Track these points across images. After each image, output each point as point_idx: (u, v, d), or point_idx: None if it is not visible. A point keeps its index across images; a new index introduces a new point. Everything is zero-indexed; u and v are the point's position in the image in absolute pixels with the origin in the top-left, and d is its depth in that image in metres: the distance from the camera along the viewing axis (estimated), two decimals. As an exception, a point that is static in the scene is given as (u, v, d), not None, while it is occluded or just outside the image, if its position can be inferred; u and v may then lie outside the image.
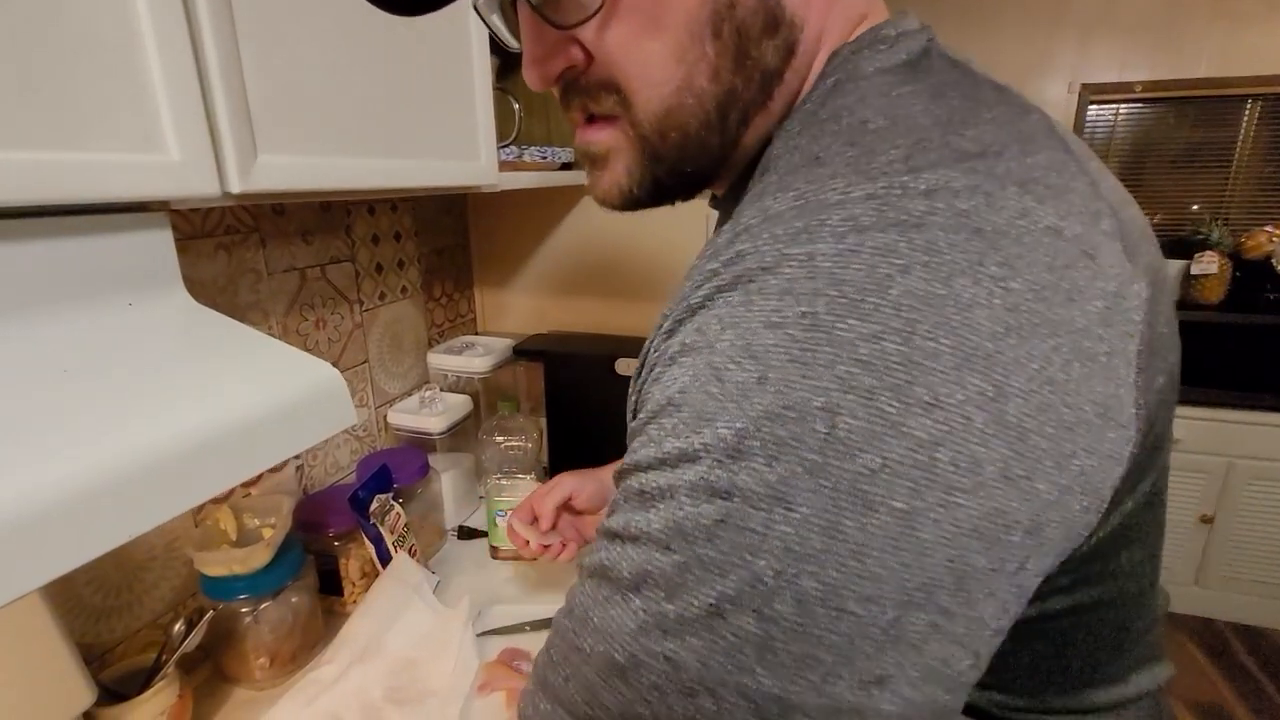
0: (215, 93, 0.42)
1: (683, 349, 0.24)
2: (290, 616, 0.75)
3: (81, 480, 0.27)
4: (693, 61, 0.30)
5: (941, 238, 0.21)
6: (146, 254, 0.40)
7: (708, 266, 0.25)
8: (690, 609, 0.21)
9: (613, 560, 0.24)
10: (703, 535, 0.21)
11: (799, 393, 0.20)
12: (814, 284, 0.21)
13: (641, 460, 0.25)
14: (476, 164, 0.77)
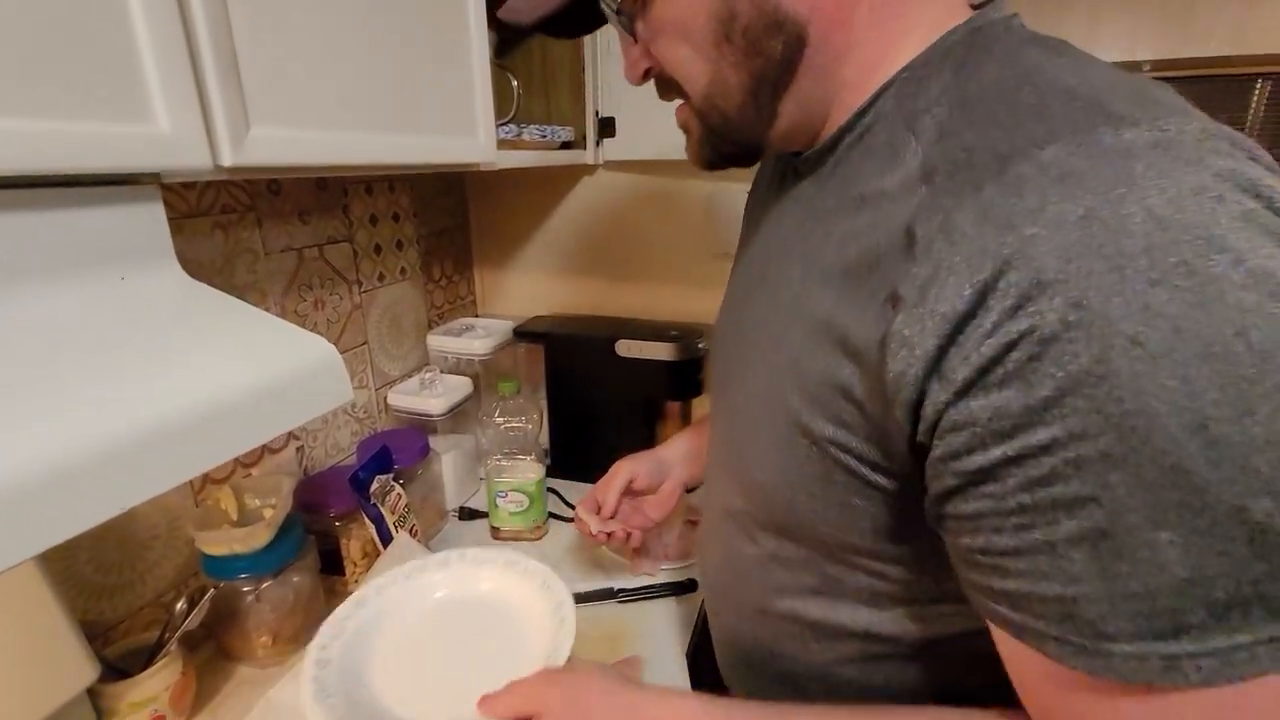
0: (205, 61, 0.41)
1: (1065, 329, 0.25)
2: (292, 595, 0.75)
3: (70, 452, 0.26)
4: (716, 59, 0.39)
5: (1196, 171, 0.25)
6: (138, 227, 0.40)
7: (996, 242, 0.26)
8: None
9: None
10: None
11: (1217, 332, 0.23)
12: (1153, 234, 0.24)
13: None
14: (474, 141, 0.75)
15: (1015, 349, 0.25)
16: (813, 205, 0.42)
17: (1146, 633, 0.25)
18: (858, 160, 0.38)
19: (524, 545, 0.99)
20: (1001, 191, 0.27)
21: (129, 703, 0.62)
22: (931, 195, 0.30)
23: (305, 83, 0.51)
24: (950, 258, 0.27)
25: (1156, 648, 0.25)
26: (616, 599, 0.85)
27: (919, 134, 0.33)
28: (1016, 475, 0.27)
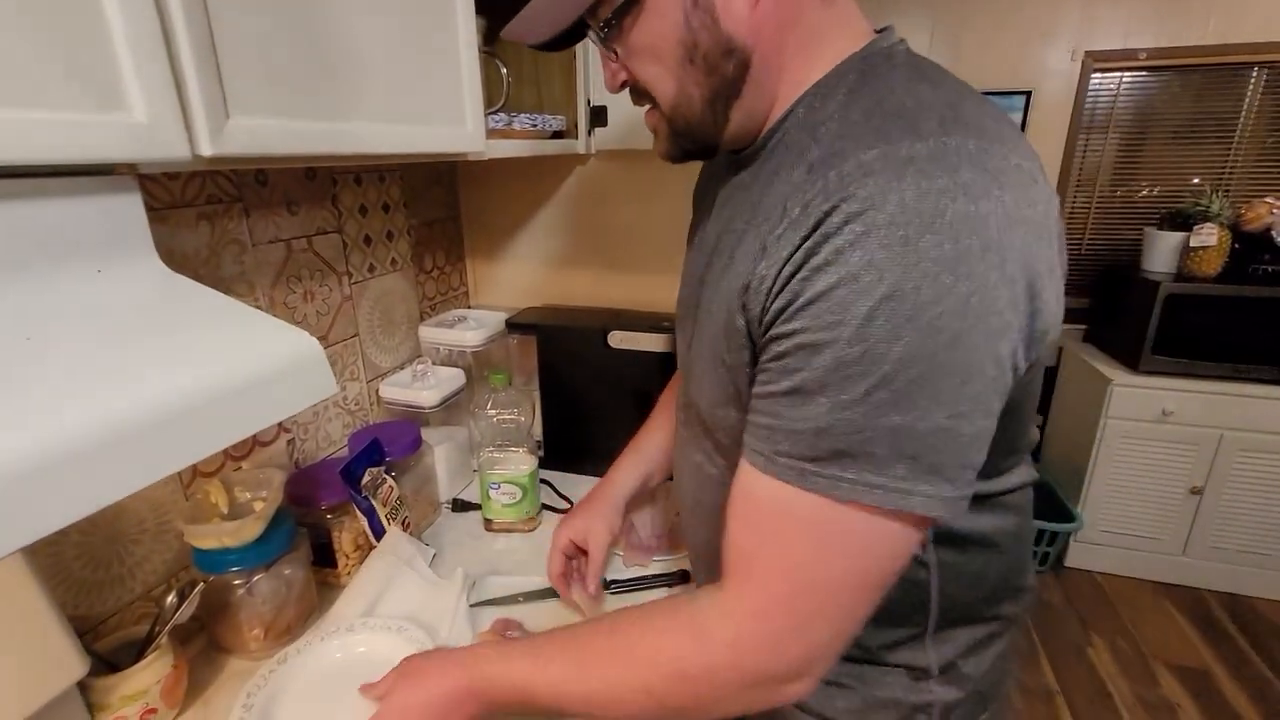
0: (181, 48, 0.40)
1: (827, 261, 0.37)
2: (284, 588, 0.75)
3: (46, 448, 0.26)
4: (681, 77, 0.48)
5: (952, 176, 0.36)
6: (115, 219, 0.39)
7: (825, 204, 0.38)
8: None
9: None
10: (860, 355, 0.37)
11: (900, 283, 0.35)
12: (904, 216, 0.35)
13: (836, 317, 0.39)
14: (463, 130, 0.74)
15: (800, 272, 0.39)
16: (749, 192, 0.51)
17: (799, 455, 0.40)
18: (780, 156, 0.48)
19: (517, 536, 0.99)
20: (837, 177, 0.39)
21: (120, 696, 0.62)
22: (804, 179, 0.42)
23: (286, 71, 0.50)
24: (798, 219, 0.40)
25: (801, 465, 0.40)
26: (609, 590, 0.85)
27: (818, 140, 0.44)
28: (771, 350, 0.42)
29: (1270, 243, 1.97)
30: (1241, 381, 1.97)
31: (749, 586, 0.44)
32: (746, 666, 0.44)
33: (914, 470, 0.38)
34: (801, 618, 0.43)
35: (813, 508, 0.40)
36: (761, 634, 0.44)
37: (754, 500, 0.44)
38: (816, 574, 0.42)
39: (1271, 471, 1.99)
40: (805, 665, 0.44)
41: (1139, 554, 2.19)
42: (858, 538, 0.41)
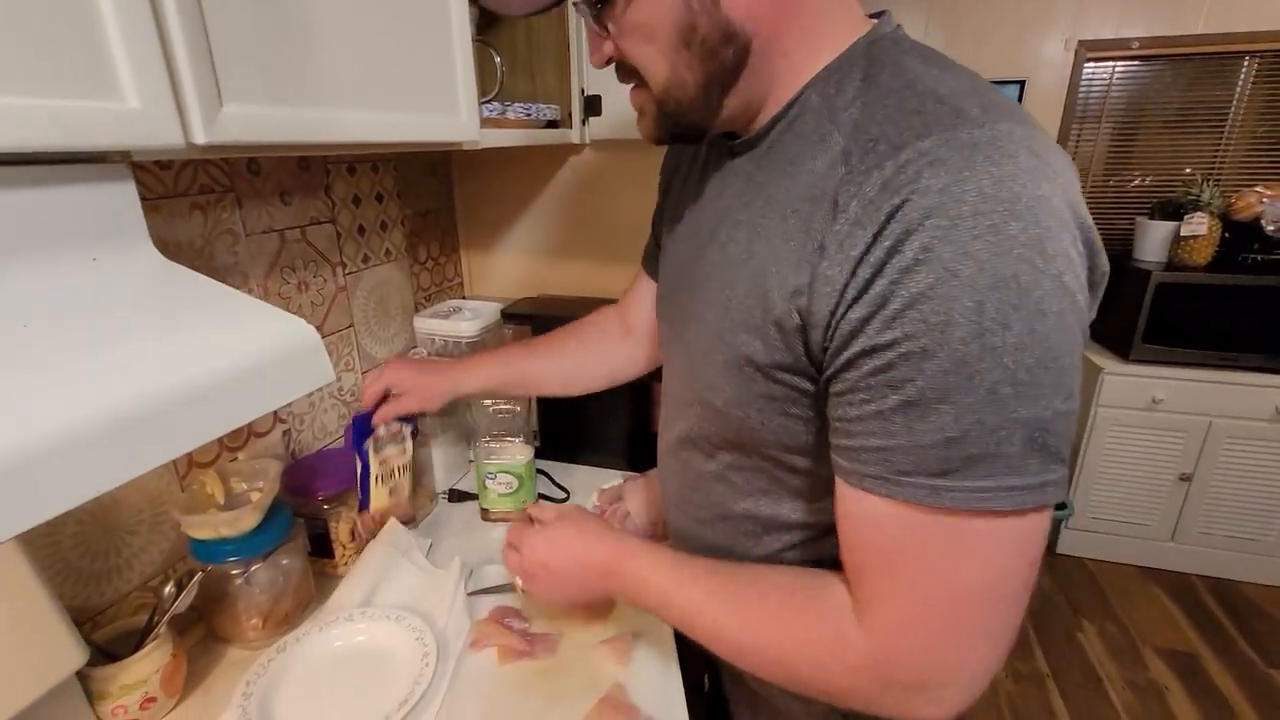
0: (174, 35, 0.39)
1: (918, 260, 0.36)
2: (281, 578, 0.76)
3: (40, 435, 0.26)
4: (675, 61, 0.46)
5: (1013, 161, 0.36)
6: (109, 207, 0.39)
7: (895, 198, 0.37)
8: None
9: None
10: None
11: (1000, 271, 0.35)
12: (987, 205, 0.35)
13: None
14: (456, 119, 0.74)
15: (883, 275, 0.37)
16: (752, 178, 0.50)
17: (929, 472, 0.38)
18: (789, 143, 0.47)
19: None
20: (895, 169, 0.37)
21: (120, 685, 0.62)
22: (849, 173, 0.40)
23: (281, 59, 0.50)
24: (861, 216, 0.38)
25: (933, 482, 0.38)
26: (606, 577, 0.86)
27: (840, 126, 0.43)
28: (867, 364, 0.39)
29: (1260, 232, 1.98)
30: (1230, 369, 1.99)
31: (887, 606, 0.42)
32: (885, 670, 0.43)
33: (1043, 461, 0.37)
34: (948, 629, 0.41)
35: (948, 524, 0.38)
36: (906, 647, 0.42)
37: (878, 524, 0.41)
38: (958, 585, 0.40)
39: (1258, 458, 2.01)
40: (951, 676, 0.42)
41: (1129, 540, 2.22)
42: (997, 542, 0.39)
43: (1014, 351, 0.35)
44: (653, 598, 0.56)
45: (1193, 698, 1.74)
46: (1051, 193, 0.36)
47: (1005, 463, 0.36)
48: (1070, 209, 0.37)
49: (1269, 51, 2.15)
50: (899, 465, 0.39)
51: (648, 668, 0.71)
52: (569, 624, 0.78)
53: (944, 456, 0.37)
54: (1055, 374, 0.36)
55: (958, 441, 0.36)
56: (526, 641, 0.74)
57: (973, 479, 0.37)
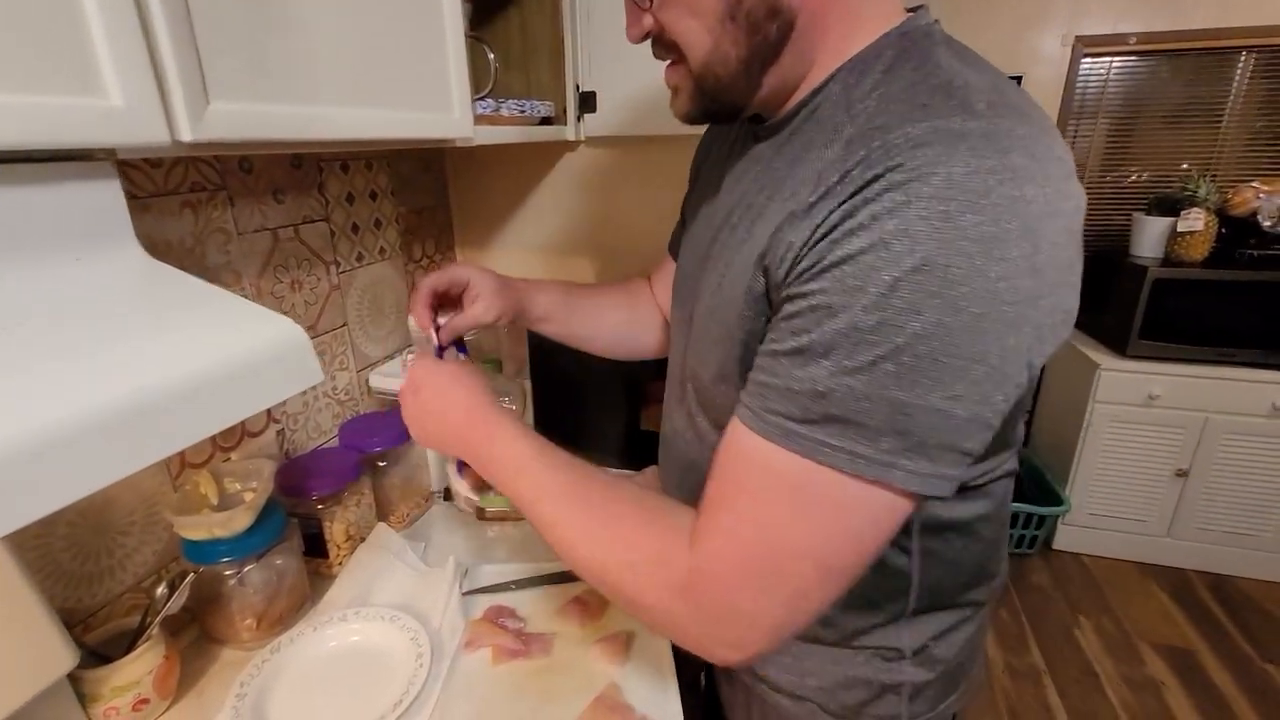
0: (158, 30, 0.39)
1: (861, 225, 0.36)
2: (275, 578, 0.75)
3: (25, 437, 0.25)
4: (719, 34, 0.45)
5: (1003, 157, 0.35)
6: (93, 206, 0.38)
7: (868, 173, 0.37)
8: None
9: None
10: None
11: (933, 257, 0.34)
12: (950, 191, 0.34)
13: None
14: (450, 116, 0.74)
15: (829, 236, 0.38)
16: (770, 165, 0.50)
17: (789, 415, 0.39)
18: (809, 131, 0.47)
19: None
20: (880, 148, 0.37)
21: (112, 687, 0.62)
22: (844, 155, 0.40)
23: (269, 55, 0.49)
24: (836, 188, 0.39)
25: (789, 424, 0.39)
26: (602, 576, 0.85)
27: (854, 117, 0.42)
28: (785, 309, 0.41)
29: (1256, 227, 1.98)
30: (1226, 365, 1.99)
31: (717, 530, 0.43)
32: (696, 603, 0.43)
33: (900, 445, 0.37)
34: (761, 575, 0.41)
35: (793, 468, 0.39)
36: (719, 576, 0.42)
37: (736, 454, 0.43)
38: (785, 535, 0.40)
39: (1255, 453, 2.02)
40: (747, 630, 0.43)
41: (1125, 536, 2.23)
42: (832, 506, 0.39)
43: (910, 336, 0.35)
44: (501, 472, 0.55)
45: (1189, 693, 1.74)
46: (1034, 198, 0.35)
47: (859, 431, 0.37)
48: (1055, 227, 0.36)
49: (1266, 46, 2.15)
50: (770, 403, 0.40)
51: (643, 667, 0.71)
52: (564, 623, 0.77)
53: (806, 406, 0.38)
54: (947, 372, 0.36)
55: (824, 396, 0.38)
56: (521, 641, 0.74)
57: (824, 434, 0.38)
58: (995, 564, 0.59)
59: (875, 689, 0.58)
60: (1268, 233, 1.97)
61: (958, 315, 0.35)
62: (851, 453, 0.37)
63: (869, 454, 0.37)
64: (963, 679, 0.61)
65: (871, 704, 0.58)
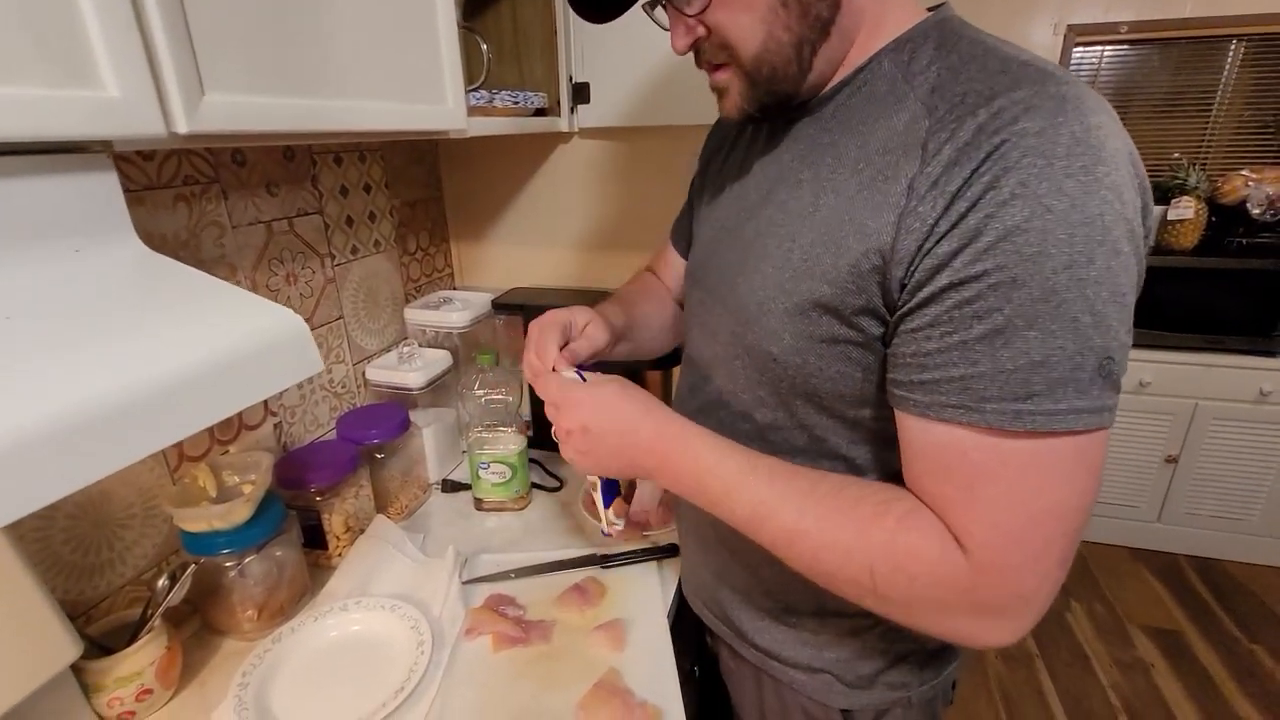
0: (153, 22, 0.39)
1: (1015, 194, 0.38)
2: (275, 569, 0.76)
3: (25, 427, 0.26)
4: (771, 23, 0.47)
5: (1097, 115, 0.39)
6: (90, 198, 0.38)
7: (990, 140, 0.39)
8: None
9: None
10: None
11: (1089, 210, 0.37)
12: (1079, 148, 0.37)
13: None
14: (443, 107, 0.74)
15: (977, 209, 0.39)
16: (815, 140, 0.52)
17: (1009, 396, 0.39)
18: (860, 105, 0.49)
19: (508, 515, 1.00)
20: (990, 115, 0.39)
21: (115, 678, 0.62)
22: (937, 124, 0.42)
23: (263, 47, 0.49)
24: (957, 157, 0.40)
25: (1013, 406, 0.39)
26: (600, 565, 0.86)
27: (915, 89, 0.45)
28: (952, 297, 0.40)
29: (1245, 215, 2.00)
30: (1215, 352, 2.02)
31: (981, 525, 0.42)
32: (979, 591, 0.43)
33: (1105, 386, 0.39)
34: (1037, 552, 0.41)
35: (1028, 445, 0.40)
36: (1002, 570, 0.42)
37: (951, 452, 0.42)
38: (1045, 505, 0.41)
39: (1243, 439, 2.04)
40: (1030, 607, 0.43)
41: (1117, 522, 2.25)
42: (1069, 463, 0.40)
43: (1094, 284, 0.37)
44: (711, 488, 0.51)
45: (1177, 673, 1.77)
46: (1125, 148, 0.39)
47: (1076, 387, 0.38)
48: (1134, 167, 0.40)
49: (1255, 35, 2.16)
50: (982, 392, 0.40)
51: (642, 653, 0.72)
52: (564, 611, 0.78)
53: (1026, 380, 0.39)
54: (1122, 308, 0.39)
55: (1041, 366, 0.38)
56: (521, 628, 0.74)
57: (1051, 402, 0.38)
58: None
59: (890, 658, 0.60)
60: (1257, 221, 1.99)
61: (1118, 257, 0.38)
62: (1075, 410, 0.39)
63: (1087, 405, 0.39)
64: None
65: (886, 672, 0.60)
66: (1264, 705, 1.66)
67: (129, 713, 0.64)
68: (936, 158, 0.41)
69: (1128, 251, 0.39)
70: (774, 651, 0.64)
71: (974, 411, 0.40)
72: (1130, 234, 0.39)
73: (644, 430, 0.54)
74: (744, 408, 0.58)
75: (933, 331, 0.42)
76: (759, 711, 0.69)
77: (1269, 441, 2.02)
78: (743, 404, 0.59)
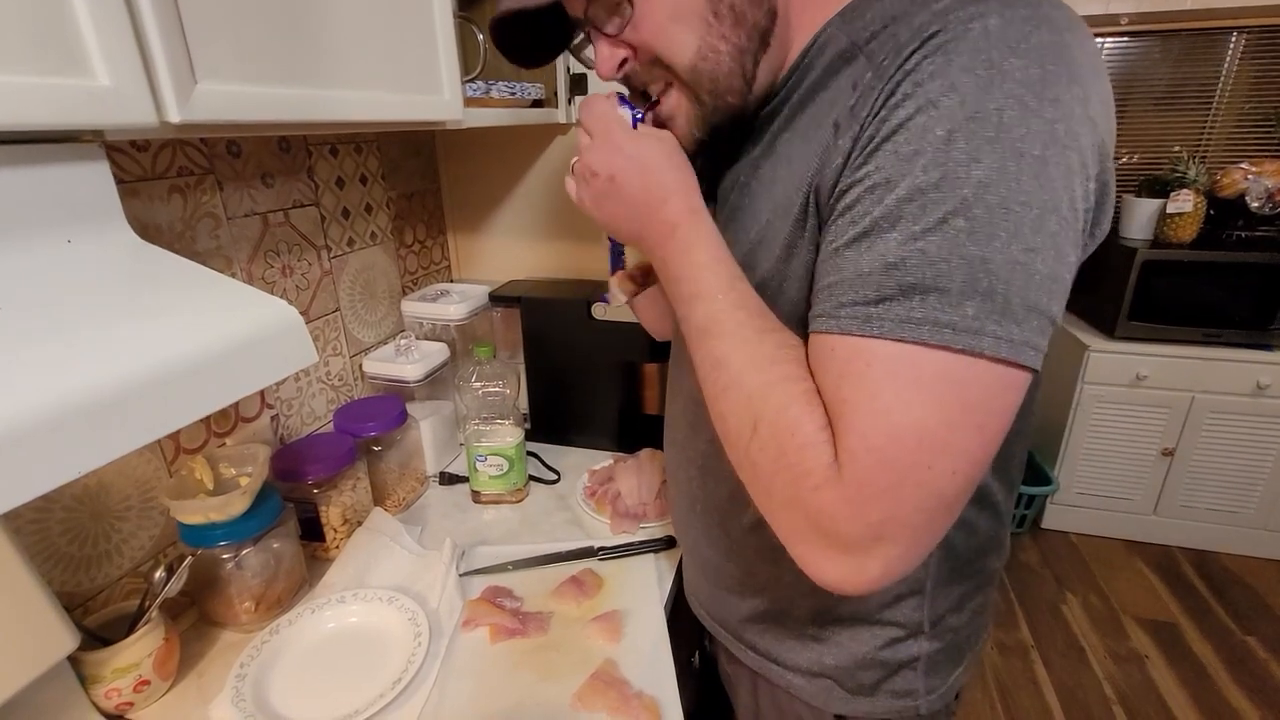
0: (143, 9, 0.39)
1: (906, 96, 0.36)
2: (273, 561, 0.76)
3: (17, 417, 0.26)
4: (704, 32, 0.45)
5: (1052, 11, 0.36)
6: (82, 188, 0.38)
7: (904, 52, 0.37)
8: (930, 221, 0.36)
9: None
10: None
11: (983, 104, 0.34)
12: (987, 41, 0.35)
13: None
14: (440, 98, 0.73)
15: (875, 118, 0.38)
16: (781, 125, 0.50)
17: (864, 300, 0.37)
18: (813, 77, 0.46)
19: (505, 507, 1.00)
20: (911, 33, 0.37)
21: (112, 669, 0.62)
22: (868, 61, 0.41)
23: (257, 35, 0.49)
24: (874, 81, 0.39)
25: (866, 309, 0.37)
26: (596, 556, 0.87)
27: (860, 42, 0.42)
28: (839, 205, 0.40)
29: (1245, 208, 2.00)
30: (1212, 345, 2.02)
31: (846, 432, 0.38)
32: (827, 498, 0.38)
33: (984, 309, 0.34)
34: (895, 471, 0.36)
35: (885, 353, 0.36)
36: (858, 480, 0.37)
37: (826, 360, 0.39)
38: (905, 424, 0.36)
39: (1239, 432, 2.05)
40: (879, 535, 0.38)
41: (1112, 514, 2.26)
42: (934, 383, 0.36)
43: (976, 186, 0.34)
44: (684, 287, 0.48)
45: (1172, 665, 1.79)
46: (1074, 44, 0.35)
47: (939, 297, 0.35)
48: (1100, 84, 0.36)
49: (1256, 27, 2.15)
50: (840, 298, 0.38)
51: (639, 644, 0.73)
52: (560, 603, 0.79)
53: (879, 283, 0.36)
54: (1018, 219, 0.34)
55: (895, 267, 0.36)
56: (519, 620, 0.75)
57: (903, 308, 0.35)
58: (1004, 532, 0.59)
59: (892, 665, 0.58)
60: (1256, 214, 1.99)
61: (1020, 159, 0.34)
62: (935, 322, 0.35)
63: (954, 320, 0.35)
64: (969, 651, 0.61)
65: (889, 680, 0.58)
66: (1258, 697, 1.68)
67: (127, 704, 0.64)
68: (858, 89, 0.40)
69: (1038, 155, 0.34)
70: (772, 654, 0.63)
71: (831, 318, 0.39)
72: (1048, 136, 0.34)
73: (669, 205, 0.49)
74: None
75: (825, 241, 0.41)
76: (755, 717, 0.68)
77: (1266, 435, 2.02)
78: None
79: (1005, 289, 0.34)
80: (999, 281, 0.34)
